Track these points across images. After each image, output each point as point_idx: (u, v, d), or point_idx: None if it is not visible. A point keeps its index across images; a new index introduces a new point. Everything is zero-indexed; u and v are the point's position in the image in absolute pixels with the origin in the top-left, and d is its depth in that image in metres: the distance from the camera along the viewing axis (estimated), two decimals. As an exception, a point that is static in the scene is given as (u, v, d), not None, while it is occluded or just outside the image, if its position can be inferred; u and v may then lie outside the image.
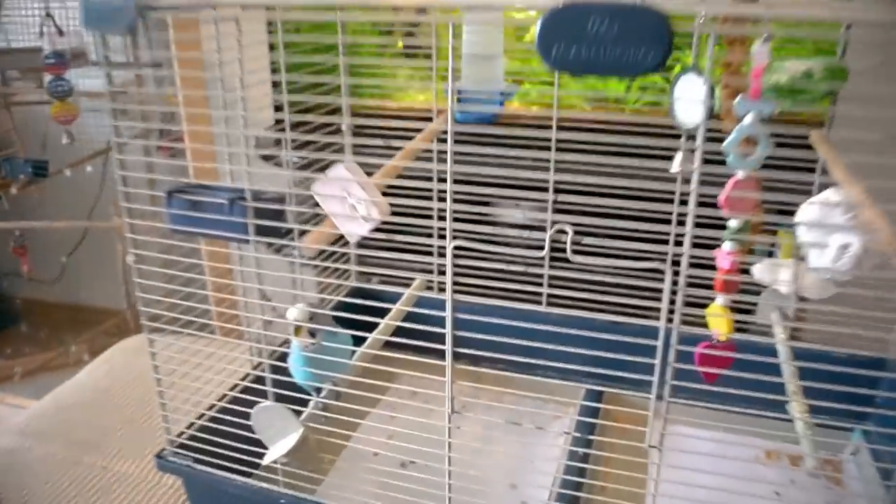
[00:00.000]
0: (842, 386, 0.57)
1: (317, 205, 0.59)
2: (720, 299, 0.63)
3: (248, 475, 0.77)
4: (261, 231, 0.62)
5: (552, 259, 1.05)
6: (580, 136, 0.98)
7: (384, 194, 0.58)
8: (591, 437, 0.87)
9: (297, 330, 0.72)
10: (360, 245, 1.13)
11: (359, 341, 0.84)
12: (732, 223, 0.60)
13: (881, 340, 0.96)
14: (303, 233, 0.62)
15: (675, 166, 0.87)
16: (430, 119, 0.90)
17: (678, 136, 0.77)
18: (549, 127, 1.01)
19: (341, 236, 1.11)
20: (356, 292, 1.12)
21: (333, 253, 1.07)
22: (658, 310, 1.07)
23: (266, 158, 1.29)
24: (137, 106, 0.73)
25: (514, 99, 1.20)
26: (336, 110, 1.02)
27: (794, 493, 0.90)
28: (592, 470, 0.83)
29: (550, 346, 0.59)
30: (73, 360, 2.07)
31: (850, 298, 0.61)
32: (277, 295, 1.09)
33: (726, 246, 0.62)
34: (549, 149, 0.94)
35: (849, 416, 0.63)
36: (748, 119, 0.57)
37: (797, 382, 0.81)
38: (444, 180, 0.55)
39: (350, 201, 0.56)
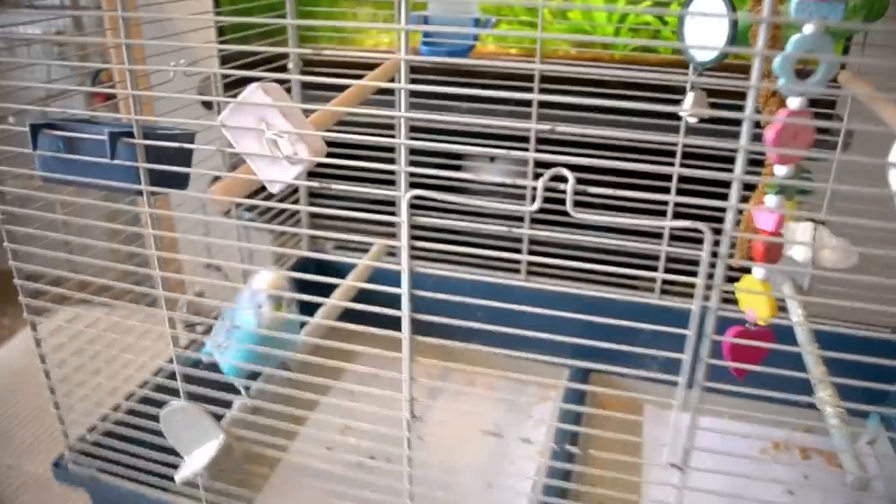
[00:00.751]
0: (861, 358, 0.43)
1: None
2: (758, 271, 0.48)
3: (166, 489, 0.62)
4: (155, 178, 0.46)
5: (536, 221, 0.90)
6: (568, 78, 0.83)
7: (333, 145, 0.42)
8: (578, 427, 0.73)
9: (278, 305, 0.56)
10: (313, 204, 0.97)
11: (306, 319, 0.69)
12: (780, 170, 0.45)
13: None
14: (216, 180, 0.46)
15: (687, 107, 0.73)
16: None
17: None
18: (530, 73, 0.85)
19: (292, 192, 0.95)
20: (306, 263, 0.96)
21: (282, 213, 0.91)
22: (653, 281, 0.94)
23: (208, 106, 1.12)
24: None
25: (490, 41, 1.04)
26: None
27: (808, 492, 0.77)
28: (580, 471, 0.70)
29: (531, 326, 0.45)
30: (8, 334, 1.89)
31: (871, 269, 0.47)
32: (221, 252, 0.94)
33: (770, 201, 0.47)
34: (530, 94, 0.78)
35: (865, 399, 0.52)
36: (809, 28, 0.42)
37: (823, 367, 0.68)
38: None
39: (269, 135, 0.41)
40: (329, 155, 0.42)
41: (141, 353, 0.63)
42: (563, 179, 0.36)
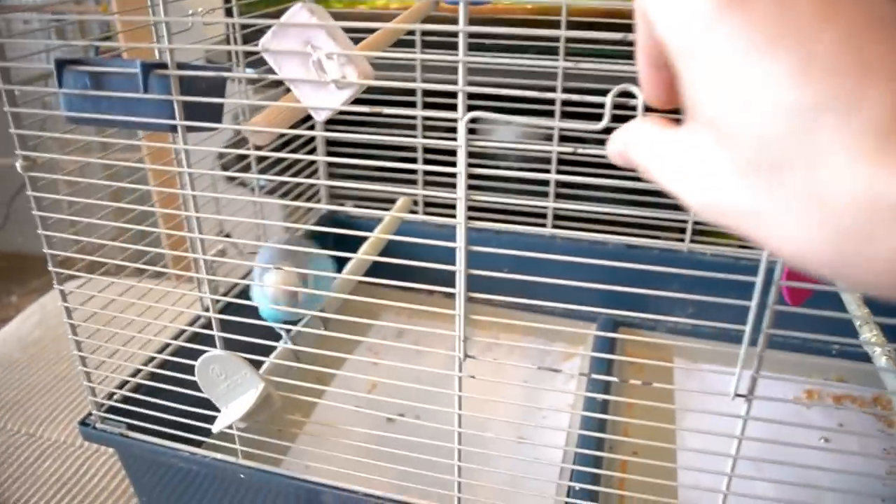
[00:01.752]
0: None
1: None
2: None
3: (199, 444, 0.61)
4: (191, 112, 0.44)
5: (561, 167, 0.88)
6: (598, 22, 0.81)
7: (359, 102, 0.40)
8: (610, 377, 0.72)
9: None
10: (330, 154, 0.95)
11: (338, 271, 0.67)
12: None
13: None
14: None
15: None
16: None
17: None
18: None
19: (307, 144, 0.93)
20: (328, 219, 0.95)
21: (297, 163, 0.89)
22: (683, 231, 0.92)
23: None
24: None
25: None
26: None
27: (843, 439, 0.77)
28: (612, 419, 0.69)
29: (558, 276, 0.43)
30: (15, 313, 1.88)
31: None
32: (236, 227, 0.92)
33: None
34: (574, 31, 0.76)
35: None
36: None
37: (865, 308, 0.67)
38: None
39: (315, 58, 0.38)
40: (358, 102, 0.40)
41: (167, 317, 0.62)
42: (632, 95, 0.34)
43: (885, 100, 0.17)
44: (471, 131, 0.38)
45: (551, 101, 0.83)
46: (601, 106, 0.34)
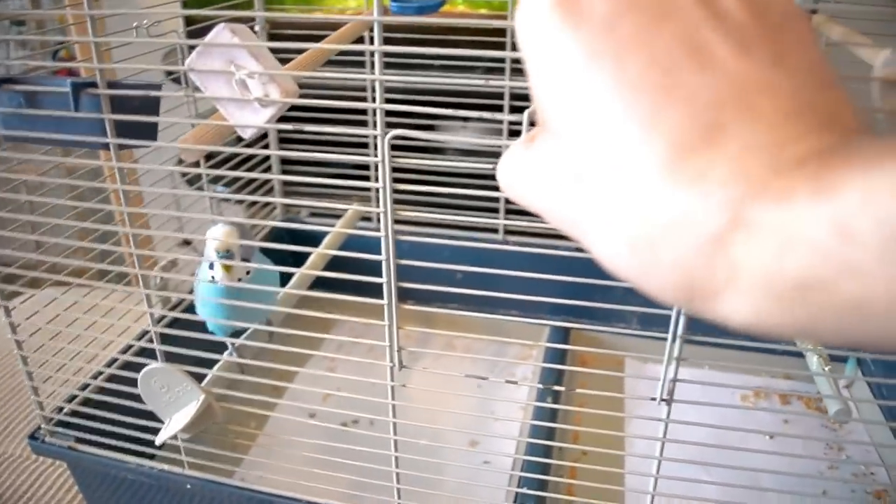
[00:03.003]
0: None
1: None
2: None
3: (151, 456, 0.61)
4: (122, 130, 0.45)
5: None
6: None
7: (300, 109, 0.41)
8: (558, 387, 0.74)
9: (227, 267, 0.55)
10: (286, 172, 0.96)
11: (283, 284, 0.68)
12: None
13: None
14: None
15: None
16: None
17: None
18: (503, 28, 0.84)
19: (261, 163, 0.93)
20: (280, 233, 0.95)
21: (252, 181, 0.90)
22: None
23: (175, 81, 1.10)
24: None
25: (459, 2, 1.03)
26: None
27: (790, 433, 0.79)
28: (563, 419, 0.70)
29: (509, 287, 0.44)
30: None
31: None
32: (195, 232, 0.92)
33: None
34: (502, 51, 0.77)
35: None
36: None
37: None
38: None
39: (238, 77, 0.39)
40: (298, 120, 0.41)
41: (115, 332, 0.62)
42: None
43: (681, 121, 0.18)
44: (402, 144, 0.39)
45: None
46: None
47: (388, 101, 0.39)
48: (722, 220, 0.17)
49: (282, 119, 0.42)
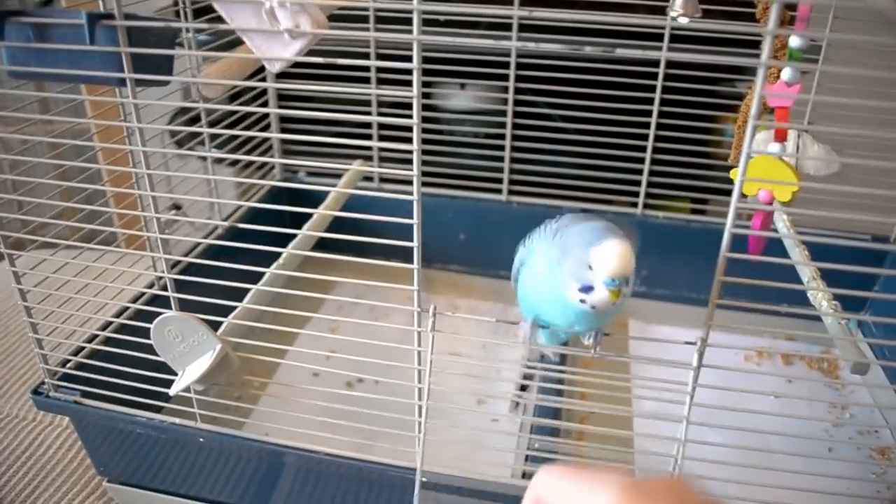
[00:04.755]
0: (840, 266, 0.43)
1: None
2: (774, 147, 0.48)
3: (158, 409, 0.60)
4: (139, 64, 0.43)
5: (516, 139, 0.89)
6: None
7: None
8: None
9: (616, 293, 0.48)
10: (285, 131, 0.94)
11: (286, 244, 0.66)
12: (794, 41, 0.44)
13: (883, 224, 0.86)
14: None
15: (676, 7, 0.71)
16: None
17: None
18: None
19: (258, 120, 0.91)
20: (279, 193, 0.93)
21: (250, 140, 0.87)
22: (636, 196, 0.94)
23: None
24: None
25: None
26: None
27: (794, 393, 0.79)
28: (570, 378, 0.70)
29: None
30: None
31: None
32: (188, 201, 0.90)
33: (786, 74, 0.46)
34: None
35: (844, 306, 0.54)
36: None
37: (813, 266, 0.69)
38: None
39: (268, 6, 0.38)
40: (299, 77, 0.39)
41: (116, 292, 0.61)
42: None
43: None
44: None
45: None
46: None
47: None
48: None
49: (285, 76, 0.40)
